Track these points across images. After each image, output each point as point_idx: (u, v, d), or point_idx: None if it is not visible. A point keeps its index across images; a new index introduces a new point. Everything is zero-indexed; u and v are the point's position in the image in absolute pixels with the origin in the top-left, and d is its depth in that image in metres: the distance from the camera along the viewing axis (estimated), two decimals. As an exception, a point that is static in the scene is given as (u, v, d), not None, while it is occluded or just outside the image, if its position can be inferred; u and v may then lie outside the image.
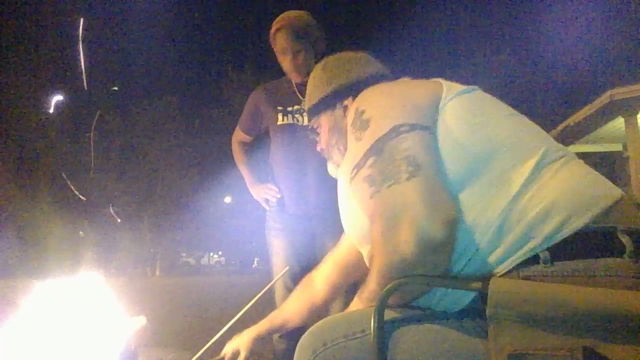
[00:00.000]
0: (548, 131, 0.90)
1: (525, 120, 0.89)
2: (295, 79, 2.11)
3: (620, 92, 7.15)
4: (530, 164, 0.77)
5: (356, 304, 0.87)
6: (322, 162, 2.05)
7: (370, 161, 0.81)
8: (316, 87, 1.15)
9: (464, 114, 0.84)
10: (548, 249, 0.70)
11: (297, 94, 2.12)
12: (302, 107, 2.08)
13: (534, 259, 0.70)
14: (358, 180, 0.83)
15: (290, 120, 2.07)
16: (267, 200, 2.13)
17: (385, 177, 0.77)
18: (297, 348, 0.84)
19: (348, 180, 0.88)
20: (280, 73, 2.26)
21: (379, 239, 0.75)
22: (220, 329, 1.41)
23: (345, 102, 1.08)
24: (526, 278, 0.69)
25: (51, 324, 1.06)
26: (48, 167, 23.90)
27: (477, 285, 0.67)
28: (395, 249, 0.72)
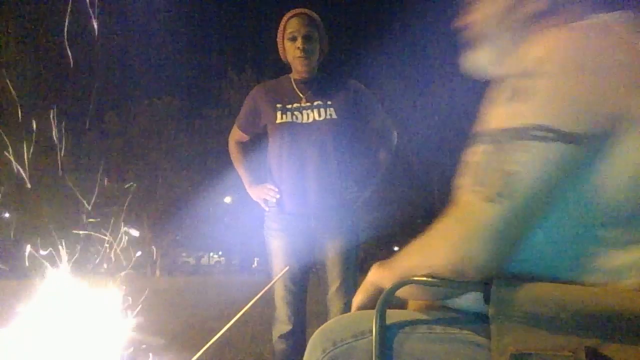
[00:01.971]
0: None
1: None
2: (299, 66, 2.07)
3: (620, 92, 7.14)
4: None
5: (379, 270, 0.83)
6: (322, 161, 2.05)
7: (482, 148, 0.70)
8: None
9: None
10: None
11: (297, 91, 2.10)
12: (302, 104, 2.07)
13: None
14: (465, 158, 0.73)
15: (289, 119, 2.05)
16: (265, 201, 2.12)
17: (476, 180, 0.68)
18: (308, 347, 0.84)
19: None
20: (280, 72, 2.25)
21: (434, 228, 0.72)
22: (220, 329, 1.41)
23: None
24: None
25: (53, 325, 1.06)
26: (49, 166, 23.88)
27: (480, 285, 0.67)
28: (430, 250, 0.71)
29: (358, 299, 0.87)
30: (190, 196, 26.38)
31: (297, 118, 2.05)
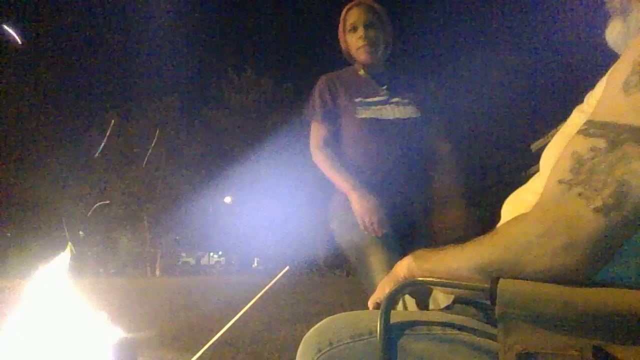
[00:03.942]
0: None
1: None
2: (363, 56, 1.95)
3: (620, 92, 7.13)
4: None
5: (423, 263, 0.76)
6: (410, 156, 1.91)
7: (593, 142, 0.61)
8: None
9: None
10: None
11: (373, 83, 1.98)
12: (381, 98, 1.94)
13: None
14: (568, 149, 0.64)
15: (373, 114, 1.92)
16: (369, 225, 1.79)
17: (582, 182, 0.60)
18: (302, 345, 0.82)
19: (577, 122, 0.66)
20: (281, 73, 2.24)
21: (522, 222, 0.65)
22: (220, 329, 1.41)
23: None
24: None
25: (44, 325, 1.06)
26: (48, 166, 23.88)
27: (486, 285, 0.66)
28: (520, 249, 0.64)
29: (385, 290, 0.82)
30: (190, 196, 26.40)
31: (379, 114, 1.93)
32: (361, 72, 2.00)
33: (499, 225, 0.71)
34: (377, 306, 0.84)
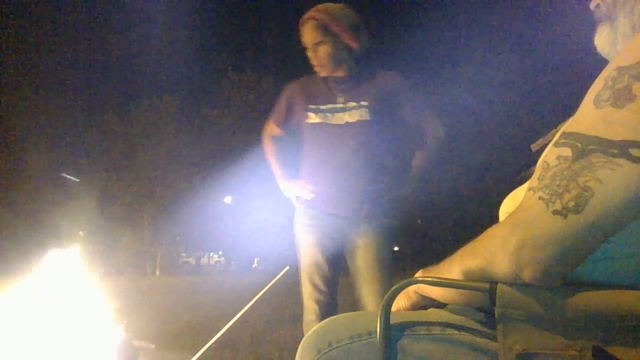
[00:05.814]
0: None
1: None
2: (320, 73, 2.03)
3: (620, 92, 7.13)
4: None
5: (448, 266, 0.75)
6: (352, 164, 1.97)
7: (561, 151, 0.62)
8: None
9: None
10: None
11: (334, 91, 2.04)
12: (336, 105, 2.01)
13: None
14: (541, 159, 0.65)
15: (321, 120, 2.01)
16: (297, 198, 2.09)
17: (546, 186, 0.61)
18: (301, 347, 0.82)
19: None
20: (280, 73, 2.26)
21: (493, 230, 0.67)
22: (220, 329, 1.41)
23: None
24: None
25: (46, 324, 1.06)
26: (48, 166, 23.90)
27: (486, 285, 0.66)
28: (489, 255, 0.65)
29: (399, 305, 0.86)
30: (190, 196, 26.38)
31: (328, 119, 2.01)
32: (320, 73, 2.06)
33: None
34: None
